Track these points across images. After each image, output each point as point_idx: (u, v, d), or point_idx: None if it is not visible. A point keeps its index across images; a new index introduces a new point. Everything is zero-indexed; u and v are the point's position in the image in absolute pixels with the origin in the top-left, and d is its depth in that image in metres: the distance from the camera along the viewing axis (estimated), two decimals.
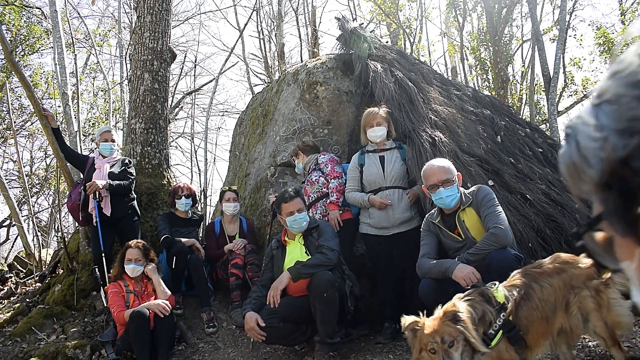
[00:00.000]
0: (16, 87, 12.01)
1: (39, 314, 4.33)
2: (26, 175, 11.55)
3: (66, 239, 5.76)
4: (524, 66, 11.51)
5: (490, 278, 2.66)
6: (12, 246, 12.93)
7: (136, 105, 5.56)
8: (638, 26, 0.57)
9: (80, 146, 6.00)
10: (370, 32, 5.54)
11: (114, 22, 13.04)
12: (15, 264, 7.10)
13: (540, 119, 10.70)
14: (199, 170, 12.85)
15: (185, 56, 14.39)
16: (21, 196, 12.44)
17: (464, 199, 2.97)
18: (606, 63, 10.50)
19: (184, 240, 4.35)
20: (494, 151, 4.34)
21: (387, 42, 8.96)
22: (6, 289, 5.63)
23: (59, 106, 10.58)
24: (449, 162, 3.06)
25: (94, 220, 4.24)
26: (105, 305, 3.88)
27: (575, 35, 10.69)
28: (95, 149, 4.69)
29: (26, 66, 11.71)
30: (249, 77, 11.25)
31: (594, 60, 12.49)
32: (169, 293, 3.76)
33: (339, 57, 5.11)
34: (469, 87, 6.55)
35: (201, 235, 5.12)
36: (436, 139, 3.95)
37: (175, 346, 3.84)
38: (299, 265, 3.23)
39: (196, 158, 13.73)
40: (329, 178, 4.04)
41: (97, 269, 4.13)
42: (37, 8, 11.08)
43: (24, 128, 12.93)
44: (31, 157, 14.50)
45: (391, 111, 4.07)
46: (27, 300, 4.94)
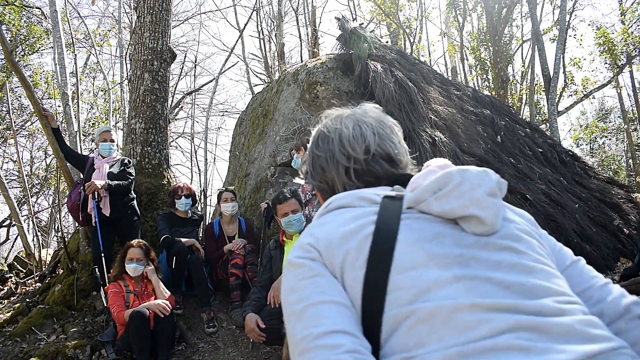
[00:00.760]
0: (16, 87, 12.02)
1: (39, 314, 4.33)
2: (26, 175, 11.55)
3: (66, 239, 5.76)
4: (524, 66, 11.52)
5: None
6: (12, 246, 12.94)
7: (136, 105, 5.56)
8: None
9: (80, 146, 5.99)
10: (370, 32, 5.55)
11: (114, 22, 13.05)
12: (15, 264, 7.11)
13: (540, 119, 10.71)
14: (199, 170, 12.85)
15: (185, 56, 14.40)
16: (21, 196, 12.45)
17: None
18: (606, 63, 10.50)
19: (183, 240, 4.35)
20: (494, 151, 4.34)
21: (387, 42, 8.96)
22: (6, 289, 5.63)
23: (59, 106, 10.58)
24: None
25: (93, 221, 4.24)
26: (105, 305, 3.87)
27: (575, 35, 10.71)
28: (95, 149, 4.69)
29: (26, 66, 11.72)
30: (249, 77, 11.25)
31: (594, 60, 12.50)
32: (168, 294, 3.76)
33: (339, 57, 5.12)
34: (469, 87, 6.55)
35: (201, 235, 5.11)
36: (436, 139, 3.95)
37: (175, 346, 3.84)
38: None
39: (196, 158, 13.74)
40: None
41: (97, 269, 4.12)
42: (37, 8, 11.08)
43: (24, 128, 12.93)
44: (31, 157, 14.51)
45: (388, 111, 4.07)
46: (27, 300, 4.94)
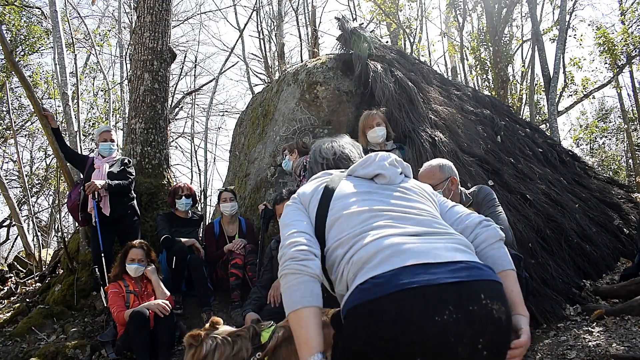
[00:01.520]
0: (16, 87, 12.01)
1: (39, 314, 4.33)
2: (26, 175, 11.55)
3: (66, 239, 5.76)
4: (524, 66, 11.52)
5: None
6: (12, 246, 12.96)
7: (136, 105, 5.56)
8: None
9: (80, 146, 6.00)
10: (370, 32, 5.55)
11: (114, 22, 13.05)
12: (15, 264, 7.11)
13: (540, 119, 10.71)
14: (199, 170, 12.86)
15: (185, 56, 14.41)
16: (21, 196, 12.45)
17: (464, 199, 2.97)
18: (606, 63, 10.50)
19: (183, 240, 4.34)
20: (494, 151, 4.34)
21: (387, 42, 8.96)
22: (6, 289, 5.63)
23: (59, 106, 10.59)
24: (444, 164, 2.93)
25: (93, 220, 4.23)
26: (105, 305, 3.87)
27: (575, 35, 10.71)
28: (95, 149, 4.69)
29: (26, 66, 11.72)
30: (249, 77, 11.28)
31: (594, 60, 12.50)
32: (168, 294, 3.76)
33: (339, 57, 5.11)
34: (469, 87, 6.55)
35: (201, 235, 5.11)
36: (436, 139, 3.95)
37: (175, 346, 3.83)
38: None
39: (196, 158, 13.75)
40: None
41: (97, 269, 4.12)
42: (37, 8, 11.09)
43: (24, 128, 12.93)
44: (31, 157, 14.52)
45: (388, 111, 4.07)
46: (27, 300, 4.94)
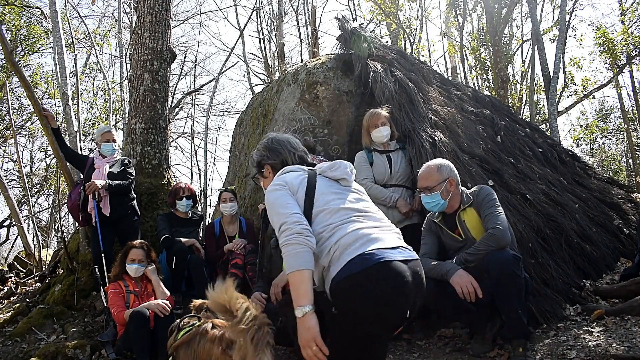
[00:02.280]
0: (16, 87, 12.01)
1: (39, 314, 4.33)
2: (26, 175, 11.55)
3: (66, 239, 5.77)
4: (524, 66, 11.52)
5: (488, 279, 2.69)
6: (12, 246, 12.96)
7: (136, 105, 5.56)
8: None
9: (80, 146, 6.00)
10: (370, 32, 5.54)
11: (114, 22, 13.05)
12: (15, 264, 7.11)
13: (540, 119, 10.71)
14: (199, 170, 12.87)
15: (185, 56, 14.42)
16: (21, 196, 12.45)
17: (464, 199, 2.96)
18: (606, 63, 10.50)
19: (183, 240, 4.34)
20: (494, 151, 4.34)
21: (387, 42, 8.96)
22: (6, 289, 5.63)
23: (59, 106, 10.59)
24: (442, 165, 2.94)
25: (93, 220, 4.23)
26: (105, 305, 3.87)
27: (575, 35, 10.70)
28: (95, 148, 4.69)
29: (26, 66, 11.71)
30: (249, 77, 11.28)
31: (594, 60, 12.51)
32: (168, 294, 3.76)
33: (339, 57, 5.11)
34: (469, 87, 6.55)
35: (201, 235, 5.11)
36: (436, 139, 3.95)
37: None
38: None
39: (196, 158, 13.76)
40: None
41: (97, 269, 4.12)
42: (37, 8, 11.09)
43: (24, 128, 12.93)
44: (31, 157, 14.53)
45: (392, 111, 4.08)
46: (27, 300, 4.94)
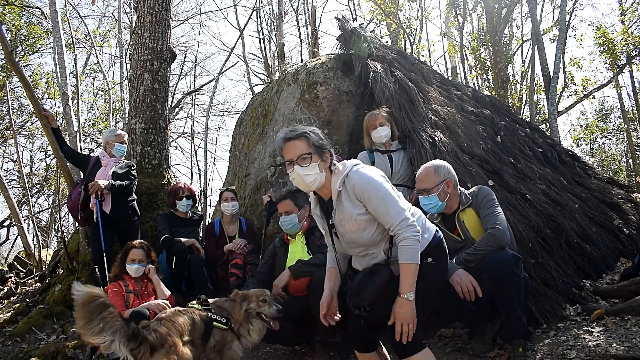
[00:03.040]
0: (16, 87, 12.01)
1: (39, 314, 4.34)
2: (26, 175, 11.55)
3: (66, 239, 5.77)
4: (524, 66, 11.51)
5: (488, 279, 2.70)
6: (12, 246, 12.96)
7: (136, 105, 5.56)
8: None
9: (80, 146, 6.01)
10: (370, 32, 5.54)
11: (114, 22, 13.06)
12: (15, 264, 7.11)
13: (540, 119, 10.70)
14: (199, 170, 12.86)
15: (185, 56, 14.40)
16: (21, 196, 12.44)
17: (463, 200, 2.96)
18: (606, 63, 10.50)
19: (183, 240, 4.34)
20: (494, 151, 4.34)
21: (387, 42, 8.96)
22: (6, 289, 5.64)
23: (59, 106, 10.59)
24: (439, 167, 2.93)
25: (95, 217, 4.23)
26: None
27: (575, 35, 10.69)
28: (96, 148, 4.69)
29: (26, 66, 11.71)
30: (249, 77, 11.28)
31: (594, 60, 12.50)
32: (168, 293, 3.76)
33: (339, 57, 5.11)
34: (469, 87, 6.54)
35: (201, 235, 5.11)
36: (436, 139, 3.95)
37: None
38: (299, 264, 3.27)
39: (196, 158, 13.75)
40: None
41: (97, 268, 4.12)
42: (37, 8, 11.09)
43: (24, 128, 12.93)
44: (31, 157, 14.52)
45: (391, 111, 4.08)
46: (27, 300, 4.94)
